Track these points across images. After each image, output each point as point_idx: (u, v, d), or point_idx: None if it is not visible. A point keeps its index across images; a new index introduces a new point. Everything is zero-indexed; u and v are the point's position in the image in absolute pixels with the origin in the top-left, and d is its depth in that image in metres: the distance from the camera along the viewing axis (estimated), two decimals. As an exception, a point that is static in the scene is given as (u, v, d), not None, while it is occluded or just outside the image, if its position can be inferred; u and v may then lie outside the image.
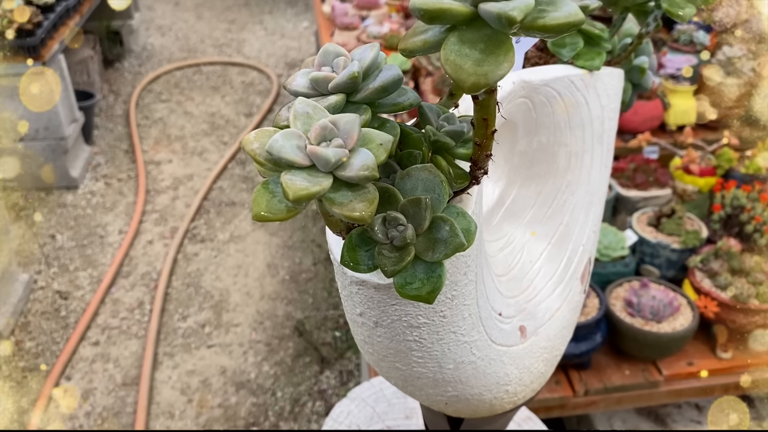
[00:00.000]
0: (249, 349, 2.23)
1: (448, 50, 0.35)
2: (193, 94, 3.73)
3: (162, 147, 3.28)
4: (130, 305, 2.41)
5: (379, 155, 0.39)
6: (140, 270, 2.57)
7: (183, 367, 2.17)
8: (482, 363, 0.58)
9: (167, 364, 2.18)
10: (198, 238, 2.72)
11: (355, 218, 0.37)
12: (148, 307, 2.40)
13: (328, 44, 0.45)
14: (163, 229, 2.77)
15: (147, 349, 2.20)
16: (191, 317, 2.36)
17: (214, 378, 2.13)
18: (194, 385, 2.10)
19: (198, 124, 3.47)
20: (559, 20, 0.34)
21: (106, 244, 2.69)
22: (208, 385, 2.10)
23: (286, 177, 0.36)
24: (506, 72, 0.35)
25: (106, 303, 2.42)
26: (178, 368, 2.17)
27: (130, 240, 2.68)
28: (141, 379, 2.10)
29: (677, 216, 1.53)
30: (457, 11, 0.34)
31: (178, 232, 2.72)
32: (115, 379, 2.13)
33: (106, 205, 2.90)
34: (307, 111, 0.39)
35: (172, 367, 2.17)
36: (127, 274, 2.55)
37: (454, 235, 0.41)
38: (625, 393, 1.41)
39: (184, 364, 2.18)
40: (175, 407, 2.03)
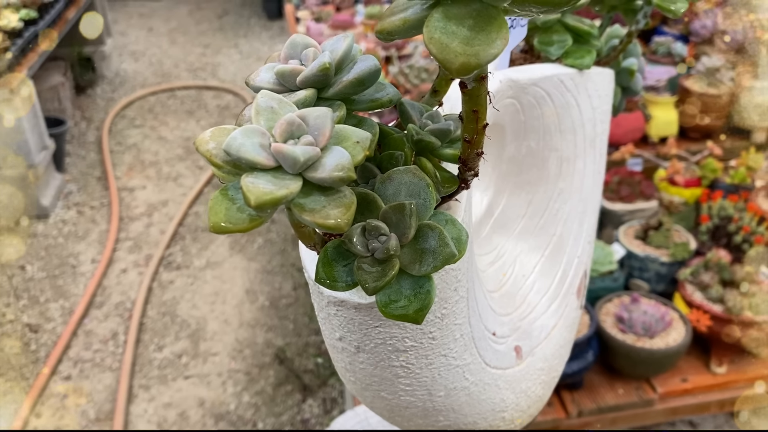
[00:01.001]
0: (228, 378, 2.15)
1: (431, 28, 0.30)
2: (168, 118, 3.67)
3: (135, 173, 3.21)
4: (104, 336, 2.32)
5: (355, 154, 0.34)
6: (114, 300, 2.48)
7: (159, 400, 2.08)
8: (476, 388, 0.52)
9: (143, 397, 2.09)
10: (173, 266, 2.64)
11: (330, 226, 0.32)
12: (122, 338, 2.31)
13: (296, 35, 0.41)
14: (138, 256, 2.69)
15: (121, 382, 2.11)
16: (167, 347, 2.28)
17: (192, 410, 2.05)
18: (171, 419, 2.02)
19: (172, 149, 3.40)
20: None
21: (78, 274, 2.60)
22: (185, 418, 2.02)
23: (248, 180, 0.31)
24: (500, 51, 0.30)
25: (79, 335, 2.33)
26: (154, 401, 2.08)
27: (103, 269, 2.60)
28: (115, 414, 2.01)
29: (665, 228, 1.50)
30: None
31: (152, 259, 2.64)
32: (88, 414, 2.03)
33: (78, 234, 2.81)
34: (272, 105, 0.34)
35: (148, 400, 2.08)
36: (101, 305, 2.46)
37: (443, 244, 0.36)
38: (619, 413, 1.36)
39: (161, 396, 2.09)
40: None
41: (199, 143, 0.33)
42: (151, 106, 3.77)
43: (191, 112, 3.74)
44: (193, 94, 3.92)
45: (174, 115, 3.70)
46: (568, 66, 0.61)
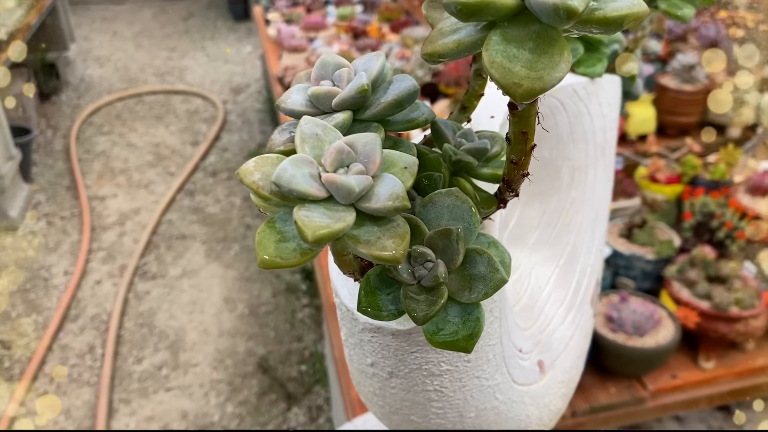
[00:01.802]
0: (210, 389, 2.11)
1: (492, 51, 0.29)
2: (136, 124, 3.60)
3: (106, 181, 3.14)
4: (80, 350, 2.27)
5: (404, 181, 0.32)
6: (89, 312, 2.43)
7: (141, 414, 2.04)
8: (504, 407, 0.51)
9: (123, 411, 2.05)
10: (149, 275, 2.60)
11: (386, 258, 0.30)
12: (99, 352, 2.26)
13: (326, 54, 0.39)
14: (112, 267, 2.63)
15: (101, 396, 2.06)
16: (146, 359, 2.23)
17: (175, 423, 2.01)
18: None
19: (142, 156, 3.34)
20: (621, 11, 0.29)
21: (50, 287, 2.54)
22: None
23: (301, 213, 0.29)
24: (564, 74, 0.29)
25: (54, 350, 2.27)
26: (135, 415, 2.04)
27: (77, 281, 2.54)
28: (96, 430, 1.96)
29: (648, 226, 1.51)
30: (503, 5, 0.28)
31: (127, 269, 2.59)
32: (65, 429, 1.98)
33: (49, 246, 2.74)
34: (316, 132, 0.33)
35: (129, 414, 2.04)
36: (75, 318, 2.40)
37: (493, 270, 0.35)
38: (612, 412, 1.36)
39: (142, 410, 2.05)
40: (135, 458, 1.91)
41: (244, 175, 0.31)
42: (118, 112, 3.70)
43: (160, 117, 3.67)
44: (161, 98, 3.85)
45: (142, 120, 3.63)
46: (580, 74, 0.60)
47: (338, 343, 1.52)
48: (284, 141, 0.38)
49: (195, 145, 3.42)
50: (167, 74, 4.14)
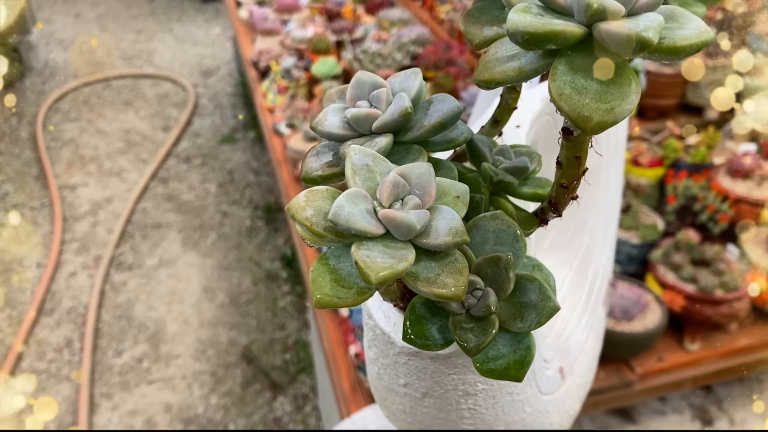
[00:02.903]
0: (193, 381, 2.09)
1: (560, 82, 0.28)
2: (105, 110, 3.51)
3: (76, 170, 3.06)
4: (58, 345, 2.23)
5: (458, 211, 0.31)
6: (65, 305, 2.38)
7: (123, 408, 2.01)
8: (531, 418, 0.51)
9: (105, 406, 2.02)
10: (125, 266, 2.55)
11: (448, 297, 0.29)
12: (77, 345, 2.22)
13: (362, 73, 0.37)
14: (86, 258, 2.58)
15: (81, 391, 2.03)
16: (126, 352, 2.20)
17: (159, 416, 1.99)
18: (138, 426, 1.95)
19: (113, 143, 3.26)
20: (690, 39, 0.28)
21: (23, 280, 2.48)
22: (153, 425, 1.96)
23: (362, 253, 0.28)
24: (635, 105, 0.28)
25: (30, 345, 2.22)
26: (118, 409, 2.01)
27: (51, 273, 2.48)
28: (78, 426, 1.93)
29: (633, 211, 1.52)
30: (572, 34, 0.27)
31: (102, 260, 2.54)
32: (49, 428, 1.95)
33: (19, 238, 2.67)
34: (367, 163, 0.31)
35: (112, 408, 2.01)
36: (51, 311, 2.35)
37: (545, 298, 0.34)
38: (601, 396, 1.38)
39: (125, 404, 2.02)
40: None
41: (295, 211, 0.30)
42: (85, 97, 3.60)
43: (129, 102, 3.59)
44: (129, 83, 3.76)
45: (111, 106, 3.54)
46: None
47: (327, 334, 1.51)
48: (322, 166, 0.37)
49: (166, 130, 3.35)
50: (135, 57, 4.04)
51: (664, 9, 0.29)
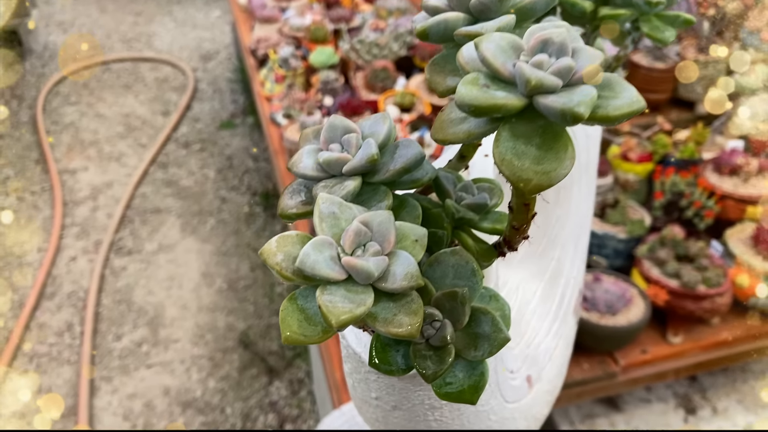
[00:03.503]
0: (192, 365, 2.14)
1: (502, 148, 0.31)
2: (104, 94, 3.53)
3: (76, 154, 3.09)
4: (59, 329, 2.27)
5: (416, 254, 0.35)
6: (65, 289, 2.42)
7: (123, 391, 2.06)
8: (497, 425, 0.55)
9: (105, 389, 2.07)
10: (124, 251, 2.59)
11: (403, 335, 0.33)
12: (78, 329, 2.27)
13: (334, 117, 0.41)
14: (86, 243, 2.62)
15: (82, 375, 2.08)
16: (126, 336, 2.25)
17: (158, 399, 2.04)
18: (137, 409, 2.01)
19: (112, 127, 3.29)
20: (622, 110, 0.31)
21: (24, 265, 2.52)
22: (152, 408, 2.01)
23: (325, 298, 0.32)
24: (569, 170, 0.31)
25: (32, 329, 2.27)
26: (117, 393, 2.06)
27: (51, 258, 2.52)
28: (79, 409, 1.98)
29: (621, 206, 1.55)
30: (512, 106, 0.30)
31: (102, 245, 2.58)
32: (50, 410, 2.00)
33: (20, 222, 2.71)
34: (333, 211, 0.35)
35: (111, 392, 2.06)
36: (52, 295, 2.40)
37: (497, 330, 0.38)
38: (585, 386, 1.42)
39: (124, 387, 2.07)
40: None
41: (267, 255, 0.33)
42: (85, 81, 3.62)
43: (128, 86, 3.61)
44: (128, 66, 3.78)
45: (111, 90, 3.56)
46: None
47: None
48: (297, 204, 0.40)
49: (166, 115, 3.37)
50: (134, 41, 4.05)
51: (602, 78, 0.32)
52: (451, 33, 0.40)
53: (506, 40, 0.32)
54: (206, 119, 3.34)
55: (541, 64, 0.31)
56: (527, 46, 0.32)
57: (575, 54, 0.32)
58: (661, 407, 1.75)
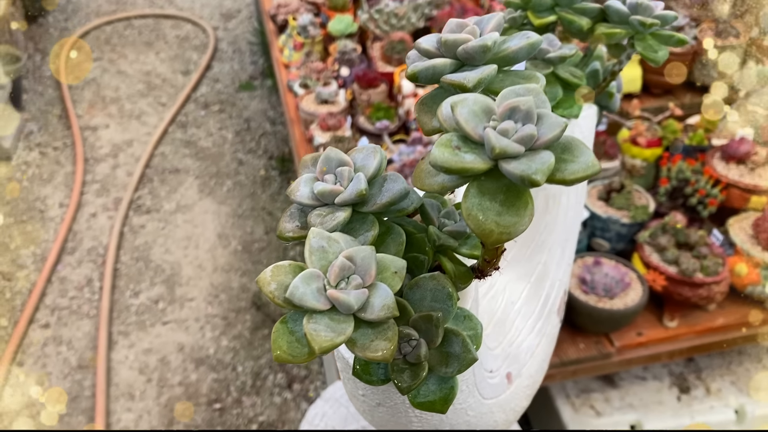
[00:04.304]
0: (206, 324, 2.22)
1: (469, 204, 0.35)
2: (126, 50, 3.57)
3: (97, 110, 3.15)
4: (79, 283, 2.36)
5: (394, 285, 0.39)
6: (86, 245, 2.50)
7: (139, 346, 2.15)
8: (475, 420, 0.60)
9: (123, 343, 2.16)
10: (143, 209, 2.66)
11: (378, 359, 0.38)
12: (97, 285, 2.35)
13: (330, 150, 0.45)
14: (106, 200, 2.69)
15: (100, 329, 2.17)
16: (143, 293, 2.33)
17: (173, 355, 2.13)
18: (153, 364, 2.10)
19: (133, 85, 3.33)
20: (577, 174, 0.35)
21: (47, 219, 2.60)
22: (166, 363, 2.10)
23: (310, 327, 0.36)
24: (527, 226, 0.35)
25: (53, 282, 2.36)
26: (134, 347, 2.15)
27: (73, 213, 2.60)
28: (97, 361, 2.08)
29: (626, 191, 1.58)
30: (479, 169, 0.34)
31: (122, 203, 2.65)
32: (70, 362, 2.10)
33: (43, 177, 2.79)
34: (322, 245, 0.39)
35: (128, 346, 2.15)
36: (73, 250, 2.48)
37: (466, 350, 0.42)
38: (579, 365, 1.48)
39: (140, 342, 2.16)
40: (135, 388, 2.03)
41: (262, 284, 0.38)
42: (107, 36, 3.65)
43: (150, 43, 3.63)
44: (150, 23, 3.80)
45: (132, 46, 3.59)
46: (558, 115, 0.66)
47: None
48: (293, 228, 0.45)
49: (186, 74, 3.40)
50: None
51: (563, 140, 0.36)
52: (439, 77, 0.44)
53: (479, 104, 0.36)
54: (226, 80, 3.37)
55: (507, 131, 0.35)
56: (497, 111, 0.36)
57: (540, 120, 0.36)
58: (656, 385, 1.81)
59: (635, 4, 0.67)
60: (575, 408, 1.73)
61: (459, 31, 0.45)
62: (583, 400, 1.75)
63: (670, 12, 0.68)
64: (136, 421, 1.92)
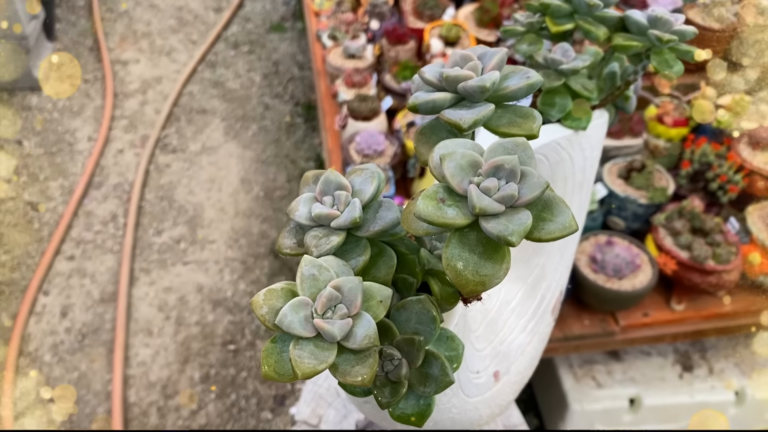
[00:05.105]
0: (225, 266, 2.28)
1: (450, 255, 0.37)
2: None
3: (128, 44, 3.16)
4: (104, 218, 2.43)
5: (378, 313, 0.42)
6: (112, 180, 2.56)
7: (160, 284, 2.22)
8: (459, 416, 0.63)
9: (144, 280, 2.24)
10: (169, 148, 2.70)
11: (357, 384, 0.41)
12: (122, 221, 2.42)
13: (330, 172, 0.47)
14: (134, 137, 2.73)
15: (123, 264, 2.24)
16: (166, 232, 2.39)
17: (191, 295, 2.20)
18: (171, 302, 2.17)
19: (165, 20, 3.33)
20: (553, 234, 0.37)
21: (75, 152, 2.66)
22: (185, 303, 2.17)
23: (295, 353, 0.39)
24: (503, 278, 0.37)
25: (80, 215, 2.43)
26: (154, 285, 2.22)
27: (101, 148, 2.65)
28: (118, 296, 2.15)
29: (647, 171, 1.58)
30: (459, 224, 0.36)
31: (149, 141, 2.69)
32: (93, 294, 2.18)
33: (73, 109, 2.83)
34: (313, 273, 0.42)
35: (149, 283, 2.23)
36: (99, 185, 2.54)
37: (444, 374, 0.45)
38: (582, 341, 1.51)
39: (161, 280, 2.24)
40: (154, 324, 2.11)
41: (255, 306, 0.41)
42: (141, -32, 3.63)
43: (183, -23, 3.60)
44: (185, -44, 3.75)
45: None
46: (566, 126, 0.66)
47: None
48: (291, 245, 0.47)
49: (218, 11, 3.39)
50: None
51: (544, 198, 0.38)
52: (439, 110, 0.45)
53: (466, 159, 0.38)
54: (257, 20, 3.35)
55: (489, 190, 0.37)
56: (483, 167, 0.38)
57: (523, 178, 0.38)
58: (660, 361, 1.84)
59: (655, 18, 0.67)
60: (577, 378, 1.77)
61: (463, 64, 0.46)
62: (585, 370, 1.79)
63: (689, 27, 0.68)
64: (153, 356, 2.01)
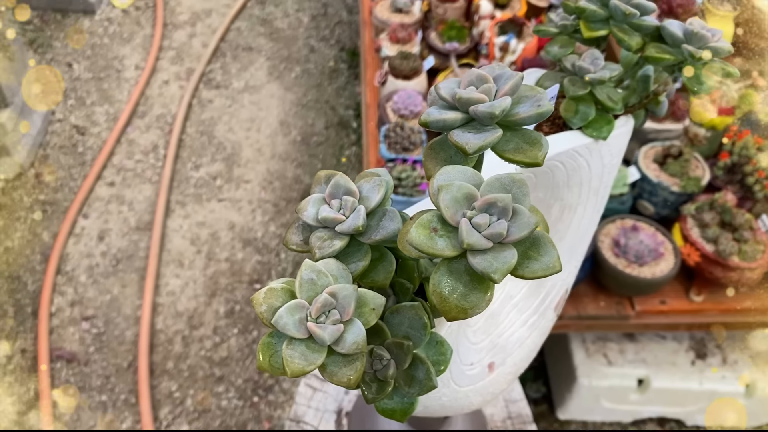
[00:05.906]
0: (257, 207, 2.33)
1: (437, 281, 0.39)
2: None
3: (182, -26, 3.16)
4: (145, 148, 2.49)
5: (370, 321, 0.45)
6: (155, 111, 2.61)
7: (194, 218, 2.29)
8: (450, 403, 0.66)
9: (179, 212, 2.30)
10: (213, 84, 2.73)
11: (343, 385, 0.44)
12: (162, 152, 2.47)
13: (339, 176, 0.49)
14: (179, 69, 2.76)
15: (160, 195, 2.31)
16: (203, 167, 2.44)
17: (223, 232, 2.26)
18: (203, 237, 2.24)
19: (220, -50, 3.31)
20: (536, 273, 0.39)
21: (122, 80, 2.70)
22: (216, 239, 2.24)
23: (287, 352, 0.42)
24: (484, 308, 0.39)
25: (122, 143, 2.49)
26: (189, 218, 2.29)
27: (147, 77, 2.69)
28: (154, 225, 2.23)
29: (683, 158, 1.56)
30: (449, 255, 0.38)
31: (194, 74, 2.72)
32: (129, 222, 2.26)
33: (123, 36, 2.86)
34: (312, 278, 0.44)
35: (184, 216, 2.29)
36: (143, 114, 2.59)
37: (428, 378, 0.48)
38: (596, 321, 1.53)
39: (195, 214, 2.30)
40: (185, 256, 2.18)
41: (255, 303, 0.44)
42: None
43: None
44: None
45: None
46: (587, 135, 0.67)
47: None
48: (298, 242, 0.50)
49: (272, -54, 3.35)
50: None
51: (533, 236, 0.40)
52: (449, 129, 0.47)
53: (462, 192, 0.40)
54: (311, -42, 3.31)
55: (480, 226, 0.38)
56: (477, 202, 0.39)
57: (514, 216, 0.39)
58: (674, 346, 1.85)
59: (690, 32, 0.66)
60: (588, 353, 1.79)
61: (478, 84, 0.47)
62: (598, 347, 1.81)
63: (725, 44, 0.67)
64: (183, 287, 2.09)
